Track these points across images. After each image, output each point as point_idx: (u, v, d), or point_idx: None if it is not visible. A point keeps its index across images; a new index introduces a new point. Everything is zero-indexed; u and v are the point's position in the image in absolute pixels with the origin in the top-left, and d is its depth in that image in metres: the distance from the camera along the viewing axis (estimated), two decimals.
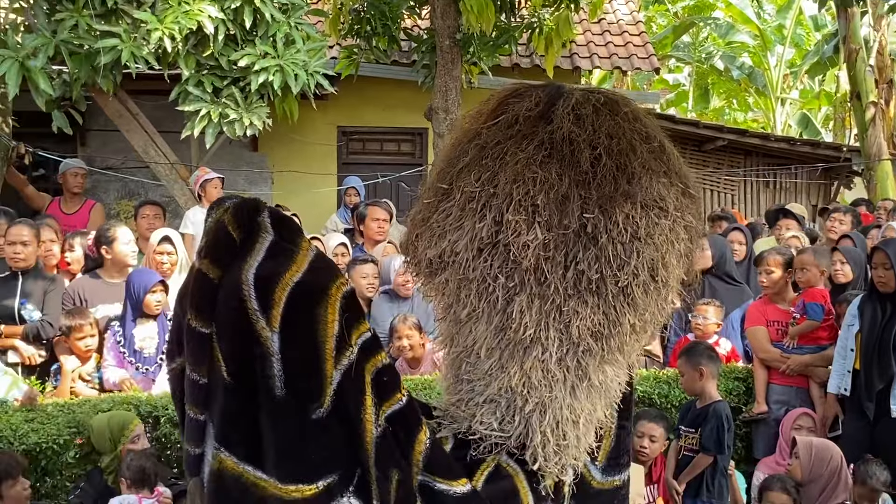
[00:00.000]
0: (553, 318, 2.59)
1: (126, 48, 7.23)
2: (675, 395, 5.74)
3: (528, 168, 2.59)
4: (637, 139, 2.66)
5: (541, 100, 2.79)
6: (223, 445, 2.32)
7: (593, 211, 2.56)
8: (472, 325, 2.75)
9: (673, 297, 2.73)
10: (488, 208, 2.61)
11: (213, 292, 2.30)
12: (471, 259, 2.62)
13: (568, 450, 2.67)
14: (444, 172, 2.87)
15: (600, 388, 2.68)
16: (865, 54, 13.26)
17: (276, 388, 2.27)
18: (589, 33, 13.38)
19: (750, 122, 25.95)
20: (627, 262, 2.56)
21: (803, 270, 5.94)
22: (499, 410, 2.65)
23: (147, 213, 7.32)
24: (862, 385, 5.40)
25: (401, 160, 13.14)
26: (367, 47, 10.64)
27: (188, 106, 7.72)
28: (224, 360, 2.30)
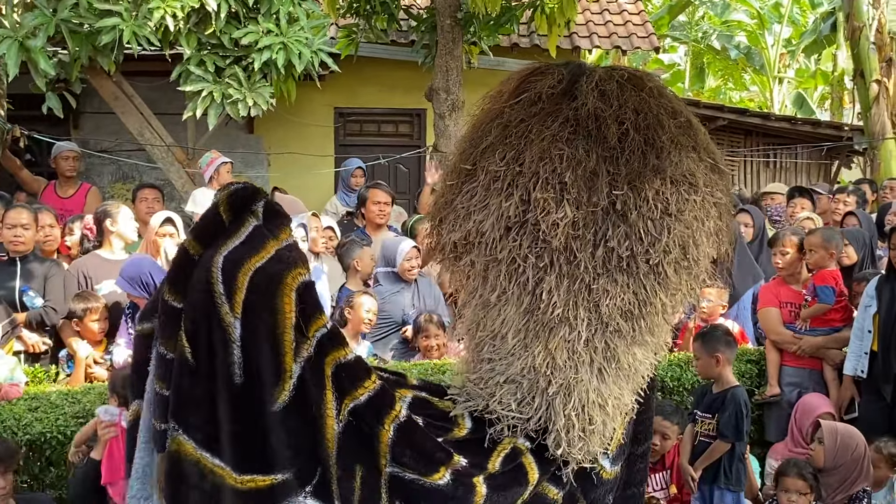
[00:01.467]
0: (582, 297, 2.53)
1: (127, 27, 7.08)
2: (688, 378, 5.66)
3: (555, 145, 2.55)
4: (664, 114, 2.65)
5: (563, 77, 2.71)
6: (181, 427, 2.28)
7: (622, 187, 2.51)
8: (501, 308, 2.65)
9: (704, 276, 2.69)
10: (515, 187, 2.57)
11: (191, 269, 2.26)
12: (498, 239, 2.58)
13: (594, 436, 2.60)
14: (466, 153, 2.78)
15: (629, 370, 2.62)
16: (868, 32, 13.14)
17: (236, 376, 2.24)
18: (588, 12, 13.26)
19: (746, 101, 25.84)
20: (658, 238, 2.50)
21: (812, 252, 5.86)
22: (519, 391, 2.58)
23: (146, 196, 7.19)
24: (879, 367, 5.34)
25: (399, 141, 13.02)
26: (365, 26, 10.50)
27: (190, 86, 7.57)
28: (188, 341, 2.28)
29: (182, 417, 2.29)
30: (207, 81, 7.55)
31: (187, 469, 2.28)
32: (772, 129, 14.58)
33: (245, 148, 12.54)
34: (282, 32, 7.54)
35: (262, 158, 12.78)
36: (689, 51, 23.87)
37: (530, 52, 12.26)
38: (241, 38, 7.56)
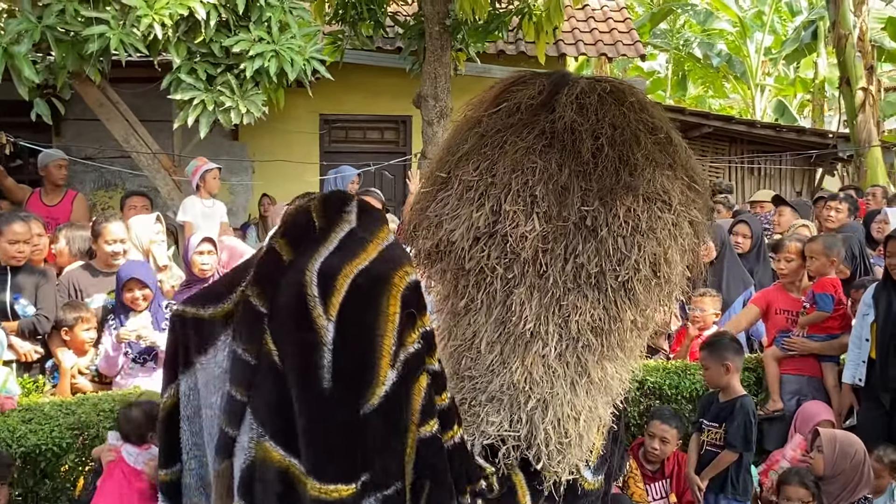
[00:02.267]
0: (552, 311, 2.55)
1: (115, 35, 6.99)
2: (686, 387, 5.63)
3: (528, 157, 2.56)
4: (642, 129, 2.64)
5: (544, 88, 2.72)
6: (267, 433, 2.23)
7: (593, 203, 2.53)
8: (470, 318, 2.64)
9: (676, 294, 2.71)
10: (486, 198, 2.58)
11: (281, 273, 2.21)
12: (467, 249, 2.58)
13: (571, 448, 2.62)
14: (443, 161, 2.76)
15: (600, 384, 2.63)
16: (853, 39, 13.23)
17: (323, 380, 2.17)
18: (574, 20, 13.28)
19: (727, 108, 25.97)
20: (628, 256, 2.52)
21: (812, 259, 5.85)
22: (502, 408, 2.59)
23: (135, 204, 7.12)
24: (877, 375, 5.32)
25: (384, 148, 12.99)
26: (352, 33, 10.45)
27: (181, 94, 7.48)
28: (275, 344, 2.22)
29: (269, 422, 2.23)
30: (199, 90, 7.47)
31: (271, 476, 2.22)
32: (757, 136, 14.65)
33: (230, 155, 12.45)
34: (273, 40, 7.48)
35: (246, 166, 12.71)
36: (671, 59, 23.97)
37: (517, 59, 12.27)
38: (233, 47, 7.49)
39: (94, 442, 4.57)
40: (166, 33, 7.25)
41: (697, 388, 5.59)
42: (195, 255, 5.79)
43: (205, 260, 5.82)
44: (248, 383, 2.25)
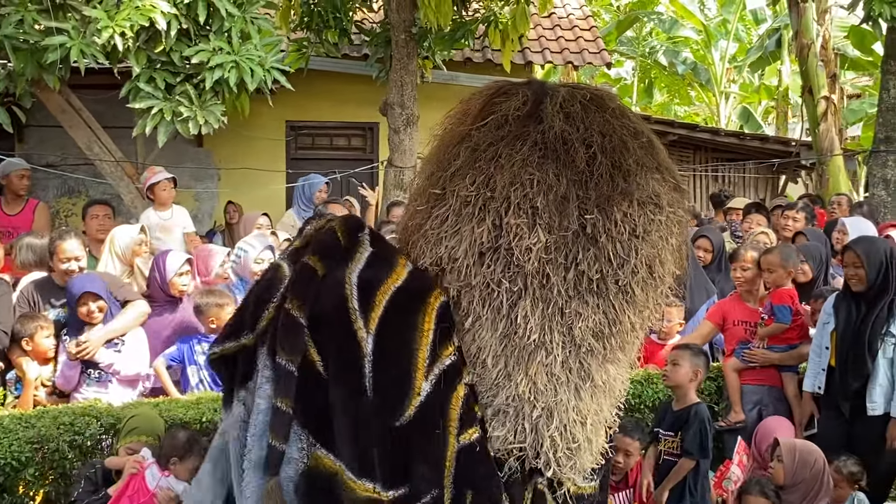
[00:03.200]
0: (556, 321, 2.53)
1: (75, 45, 6.94)
2: (649, 395, 5.66)
3: (525, 170, 2.54)
4: (627, 135, 2.68)
5: (528, 98, 2.74)
6: (319, 442, 2.35)
7: (592, 211, 2.52)
8: (475, 333, 2.66)
9: (667, 292, 2.79)
10: (486, 212, 2.56)
11: (318, 286, 2.34)
12: (472, 265, 2.60)
13: (580, 452, 2.59)
14: (434, 176, 2.76)
15: (604, 387, 2.59)
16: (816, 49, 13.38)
17: (365, 389, 2.30)
18: (540, 28, 13.33)
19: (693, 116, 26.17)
20: (627, 260, 2.53)
21: (770, 271, 5.89)
22: (508, 420, 2.56)
23: (97, 213, 7.04)
24: (837, 383, 5.38)
25: (351, 155, 12.96)
26: (317, 40, 10.44)
27: (139, 103, 7.43)
28: (319, 354, 2.34)
29: (319, 432, 2.35)
30: (157, 99, 7.42)
31: (322, 484, 2.35)
32: (721, 144, 14.78)
33: (194, 162, 12.38)
34: (234, 51, 7.44)
35: (212, 173, 12.64)
36: (637, 66, 24.12)
37: (484, 67, 12.29)
38: (192, 57, 7.45)
39: (54, 455, 4.53)
40: (126, 43, 7.20)
41: (660, 396, 5.62)
42: (176, 277, 5.80)
43: (184, 281, 5.87)
44: (293, 395, 2.35)
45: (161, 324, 5.82)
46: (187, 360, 5.58)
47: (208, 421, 4.73)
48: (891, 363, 5.20)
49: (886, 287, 5.30)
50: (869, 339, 5.25)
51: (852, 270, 5.41)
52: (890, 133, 11.31)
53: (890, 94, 11.32)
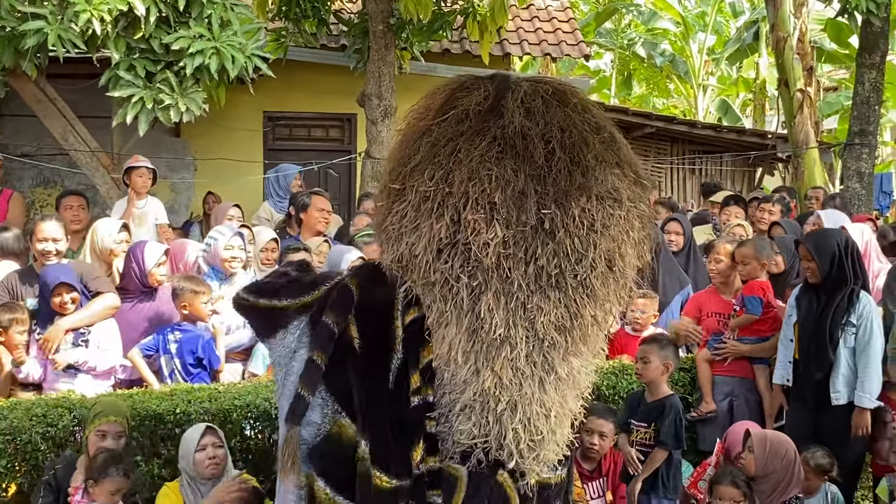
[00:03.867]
0: (519, 315, 2.63)
1: (52, 31, 6.88)
2: (623, 386, 5.69)
3: (484, 165, 2.62)
4: (588, 130, 2.72)
5: (490, 93, 2.78)
6: (344, 411, 2.64)
7: (550, 206, 2.61)
8: (443, 331, 2.70)
9: (631, 286, 2.83)
10: (445, 207, 2.64)
11: (379, 279, 2.74)
12: (431, 261, 2.65)
13: (544, 444, 2.73)
14: (395, 172, 2.80)
15: (568, 380, 2.73)
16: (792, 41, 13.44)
17: (389, 382, 2.63)
18: (518, 19, 13.33)
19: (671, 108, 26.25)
20: (585, 254, 2.62)
21: (744, 264, 5.93)
22: (473, 415, 2.68)
23: (71, 204, 6.99)
24: (801, 374, 5.44)
25: (329, 146, 12.93)
26: (295, 30, 10.39)
27: (119, 91, 7.38)
28: (358, 332, 2.66)
29: (346, 404, 2.64)
30: (138, 87, 7.38)
31: (346, 452, 2.61)
32: (698, 136, 14.85)
33: (171, 152, 12.32)
34: (214, 37, 7.40)
35: (188, 163, 12.58)
36: (616, 58, 24.16)
37: (462, 59, 12.28)
38: (172, 43, 7.41)
39: (27, 447, 4.52)
40: (105, 29, 7.15)
41: (634, 387, 5.65)
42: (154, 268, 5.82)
43: (162, 271, 5.89)
44: (329, 351, 2.65)
45: (137, 315, 5.80)
46: (161, 350, 5.57)
47: (182, 412, 4.72)
48: (852, 352, 5.25)
49: (844, 278, 5.34)
50: (829, 329, 5.30)
51: (805, 264, 5.49)
52: (864, 126, 11.40)
53: (864, 88, 11.40)
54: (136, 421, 4.66)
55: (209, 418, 4.71)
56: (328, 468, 2.63)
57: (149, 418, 4.70)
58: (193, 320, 5.65)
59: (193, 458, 4.30)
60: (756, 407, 5.74)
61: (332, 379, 2.65)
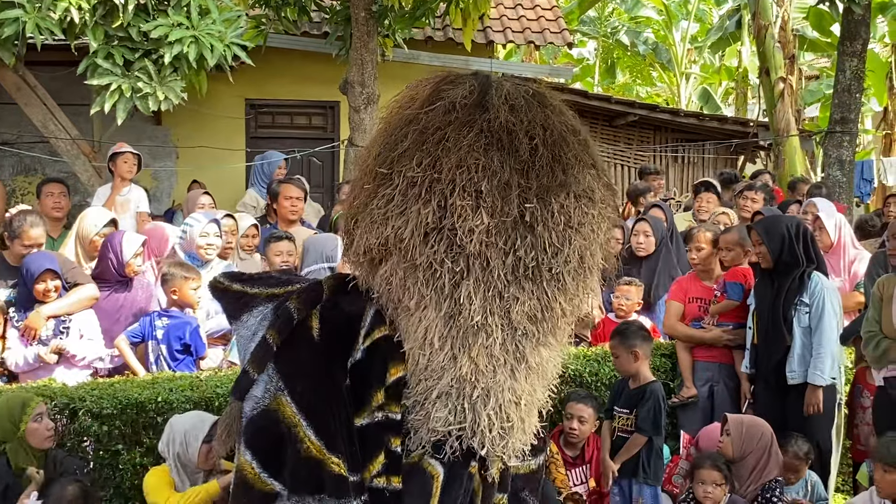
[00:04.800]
0: (496, 304, 2.74)
1: (30, 19, 6.83)
2: (605, 373, 5.71)
3: (471, 154, 2.72)
4: (567, 131, 2.86)
5: (475, 88, 2.87)
6: (286, 389, 2.72)
7: (532, 200, 2.73)
8: (421, 314, 2.79)
9: (596, 282, 2.99)
10: (432, 193, 2.73)
11: (347, 290, 2.91)
12: (418, 245, 2.73)
13: (513, 432, 2.83)
14: (381, 157, 2.85)
15: (537, 369, 2.86)
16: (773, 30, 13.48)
17: (343, 384, 2.72)
18: (501, 7, 13.30)
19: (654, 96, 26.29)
20: (561, 249, 2.75)
21: (727, 251, 5.95)
22: (450, 401, 2.77)
23: (52, 191, 6.94)
24: (761, 359, 5.49)
25: (312, 134, 12.88)
26: (275, 17, 10.34)
27: (98, 80, 7.33)
28: (319, 323, 2.77)
29: (291, 382, 2.72)
30: (116, 75, 7.34)
31: (282, 430, 2.68)
32: (680, 124, 14.87)
33: (152, 140, 12.26)
34: (193, 25, 7.36)
35: (170, 151, 12.52)
36: (599, 46, 24.16)
37: (445, 46, 12.25)
38: (151, 32, 7.36)
39: None
40: (83, 17, 7.10)
41: (617, 374, 5.67)
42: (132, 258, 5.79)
43: (139, 262, 5.88)
44: (284, 334, 2.73)
45: (114, 304, 5.80)
46: (147, 336, 5.56)
47: (163, 401, 4.71)
48: (806, 332, 5.30)
49: (795, 261, 5.39)
50: (783, 310, 5.36)
51: (756, 248, 5.54)
52: (845, 114, 11.44)
53: (846, 76, 11.43)
54: (117, 409, 4.66)
55: (191, 406, 4.71)
56: (258, 443, 2.69)
57: (130, 406, 4.69)
58: (181, 306, 5.64)
59: (200, 448, 4.29)
60: (736, 392, 5.77)
61: (282, 358, 2.72)
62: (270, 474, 2.66)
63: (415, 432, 2.77)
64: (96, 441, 4.69)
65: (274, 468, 2.66)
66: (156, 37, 7.38)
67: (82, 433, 4.66)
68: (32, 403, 4.37)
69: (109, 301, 5.75)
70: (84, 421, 4.64)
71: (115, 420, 4.65)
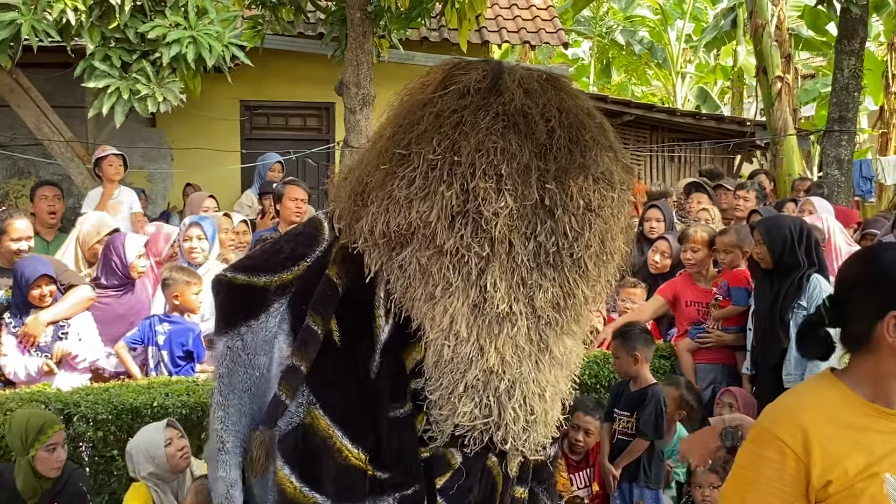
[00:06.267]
0: (521, 291, 2.66)
1: (26, 21, 6.76)
2: (605, 375, 5.67)
3: (489, 138, 2.65)
4: (583, 114, 2.79)
5: (487, 73, 2.80)
6: (318, 403, 2.67)
7: (551, 183, 2.65)
8: (446, 302, 2.67)
9: (617, 269, 2.88)
10: (454, 176, 2.65)
11: (356, 269, 2.73)
12: (445, 229, 2.64)
13: (537, 425, 2.75)
14: (397, 138, 2.77)
15: (561, 359, 2.76)
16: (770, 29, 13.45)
17: (372, 373, 2.67)
18: (497, 7, 13.27)
19: (650, 96, 26.26)
20: (581, 234, 2.67)
21: (725, 253, 5.90)
22: (476, 395, 2.69)
23: (46, 195, 6.89)
24: (759, 361, 5.46)
25: (307, 135, 12.84)
26: (272, 18, 10.27)
27: (94, 82, 7.27)
28: (338, 326, 2.69)
29: (321, 394, 2.68)
30: (113, 77, 7.27)
31: (317, 442, 2.64)
32: (677, 124, 14.84)
33: (147, 142, 12.20)
34: (191, 26, 7.30)
35: (165, 153, 12.47)
36: (594, 46, 24.12)
37: (440, 46, 12.21)
38: (148, 32, 7.30)
39: (1, 442, 4.45)
40: (79, 18, 7.04)
41: (616, 376, 5.62)
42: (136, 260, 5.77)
43: (143, 263, 5.85)
44: (306, 352, 2.66)
45: (115, 306, 5.75)
46: (148, 341, 5.51)
47: (159, 406, 4.66)
48: None
49: (796, 263, 5.34)
50: (781, 313, 5.31)
51: (757, 248, 5.47)
52: (843, 113, 11.41)
53: (843, 74, 11.41)
54: (112, 415, 4.61)
55: (187, 412, 4.65)
56: (296, 457, 2.64)
57: (125, 412, 4.64)
58: (182, 311, 5.59)
59: (165, 453, 4.20)
60: None
61: (310, 371, 2.67)
62: (312, 487, 2.62)
63: (435, 425, 2.73)
64: (91, 447, 4.64)
65: (314, 481, 2.62)
66: (153, 38, 7.32)
67: (77, 439, 4.61)
68: (50, 431, 4.18)
69: (111, 304, 5.71)
70: (79, 426, 4.59)
71: (111, 425, 4.60)
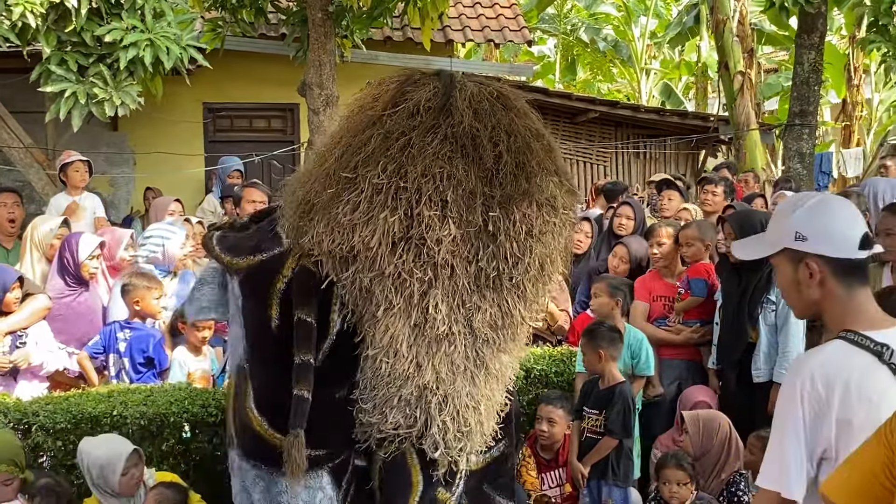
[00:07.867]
0: (460, 313, 2.76)
1: None
2: (571, 373, 5.66)
3: (436, 163, 2.72)
4: (531, 136, 2.86)
5: (438, 90, 2.85)
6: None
7: (496, 209, 2.74)
8: (388, 321, 2.75)
9: (552, 287, 3.03)
10: (398, 201, 2.74)
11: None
12: (386, 254, 2.72)
13: (472, 435, 2.87)
14: (345, 159, 2.80)
15: (497, 374, 2.90)
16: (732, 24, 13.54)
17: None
18: (460, 6, 13.25)
19: (615, 92, 26.37)
20: (521, 259, 2.78)
21: (688, 245, 5.91)
22: (408, 408, 2.78)
23: (5, 201, 6.80)
24: (724, 356, 5.46)
25: (271, 137, 12.78)
26: (232, 20, 10.20)
27: (51, 86, 7.17)
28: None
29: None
30: (70, 81, 7.18)
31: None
32: (641, 120, 14.90)
33: (109, 147, 12.09)
34: (148, 28, 7.22)
35: (127, 157, 12.36)
36: (559, 43, 24.18)
37: (404, 46, 12.18)
38: (105, 36, 7.21)
39: None
40: (35, 22, 6.94)
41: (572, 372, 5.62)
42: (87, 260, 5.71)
43: (95, 264, 5.79)
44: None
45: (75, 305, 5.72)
46: (109, 348, 5.45)
47: (118, 415, 4.60)
48: (773, 329, 5.24)
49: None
50: (749, 307, 5.31)
51: (728, 242, 5.47)
52: (804, 106, 11.49)
53: (804, 68, 11.49)
54: (71, 424, 4.54)
55: (146, 422, 4.59)
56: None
57: (84, 421, 4.57)
58: (143, 317, 5.53)
59: (119, 481, 4.14)
60: None
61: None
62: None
63: (362, 426, 2.88)
64: (52, 457, 4.56)
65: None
66: (110, 41, 7.22)
67: (36, 449, 4.53)
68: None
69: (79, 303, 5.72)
70: (37, 436, 4.51)
71: (70, 435, 4.52)
